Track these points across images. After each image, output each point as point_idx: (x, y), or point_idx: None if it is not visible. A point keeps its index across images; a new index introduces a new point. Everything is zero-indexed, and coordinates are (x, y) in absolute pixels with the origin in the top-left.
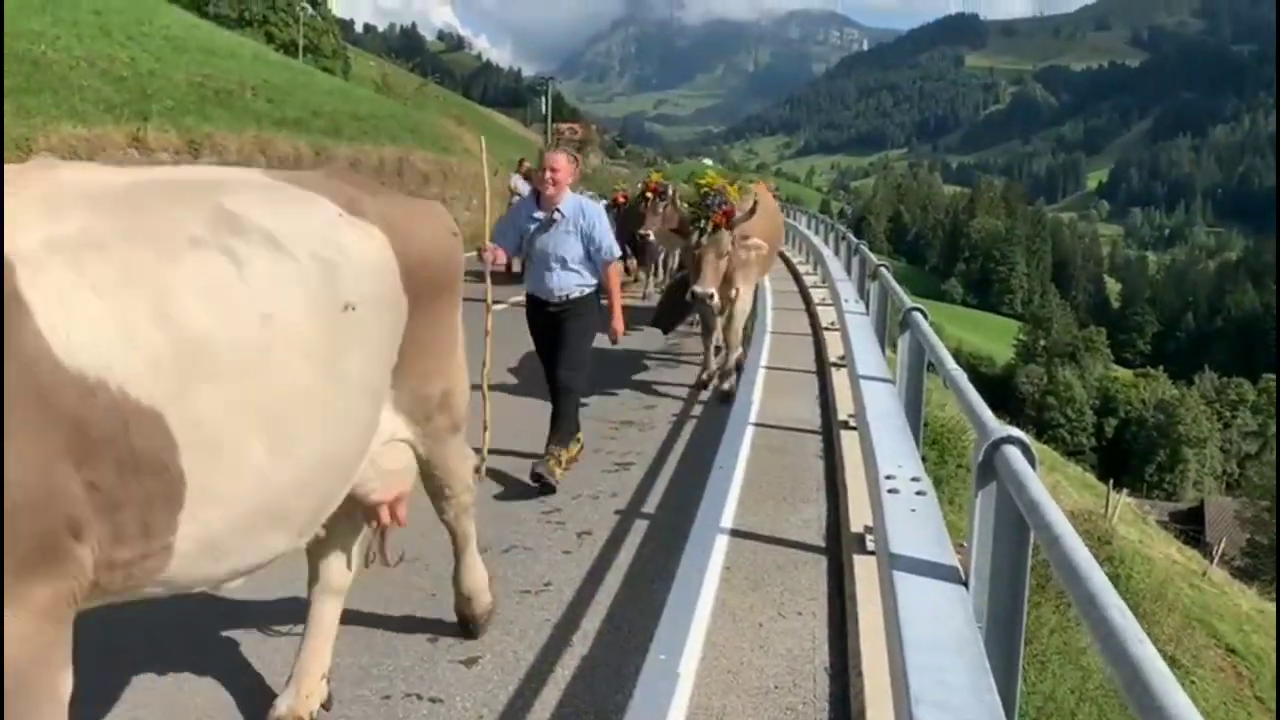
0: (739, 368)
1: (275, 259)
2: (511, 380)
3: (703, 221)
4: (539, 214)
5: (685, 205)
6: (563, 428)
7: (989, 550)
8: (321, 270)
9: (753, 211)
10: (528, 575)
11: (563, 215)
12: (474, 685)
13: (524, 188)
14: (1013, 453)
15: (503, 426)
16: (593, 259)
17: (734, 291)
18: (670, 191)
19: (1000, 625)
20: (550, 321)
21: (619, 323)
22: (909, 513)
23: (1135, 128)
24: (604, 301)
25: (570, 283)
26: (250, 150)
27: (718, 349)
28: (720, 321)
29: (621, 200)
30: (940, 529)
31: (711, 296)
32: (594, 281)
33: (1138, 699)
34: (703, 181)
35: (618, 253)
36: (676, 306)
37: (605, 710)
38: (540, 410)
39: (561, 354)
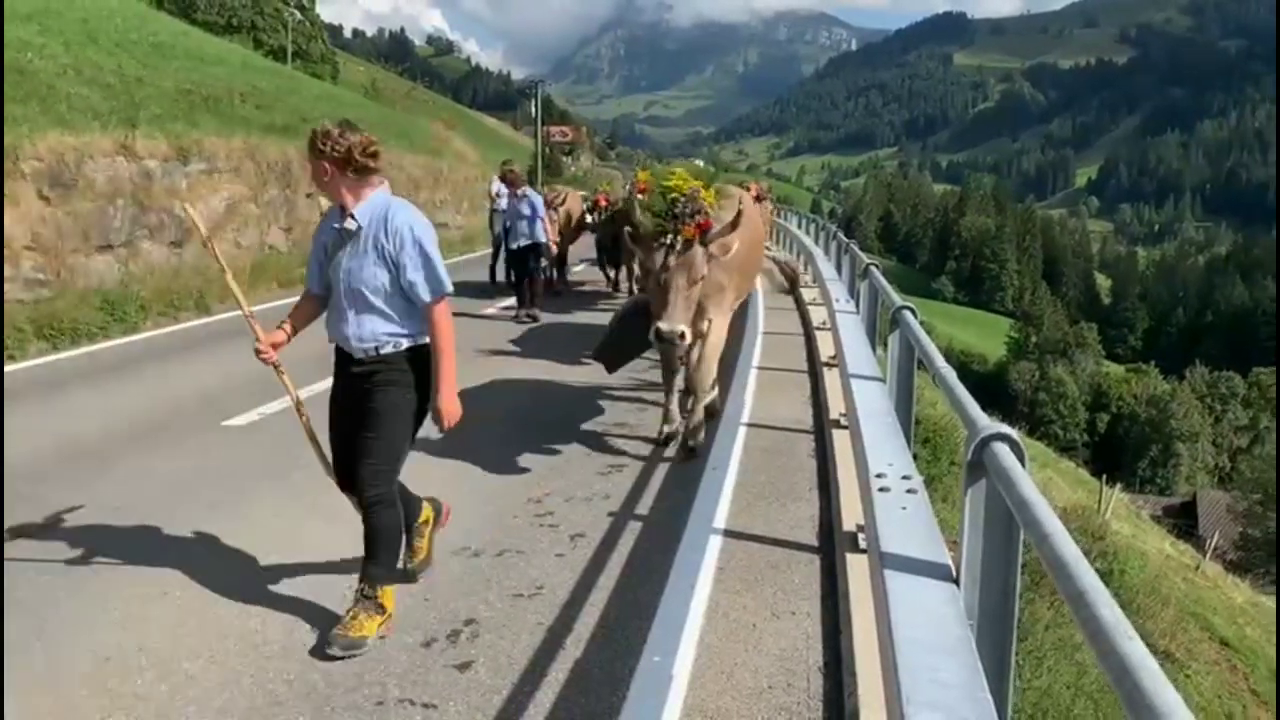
0: (712, 414)
1: None
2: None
3: (670, 236)
4: (339, 224)
5: (649, 216)
6: (379, 547)
7: (979, 548)
8: None
9: (735, 224)
10: (520, 578)
11: (358, 226)
12: (467, 690)
13: (506, 193)
14: (1001, 450)
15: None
16: (408, 296)
17: (705, 323)
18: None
19: (992, 623)
20: (351, 388)
21: (448, 400)
22: (900, 511)
23: (1124, 124)
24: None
25: (377, 330)
26: (239, 156)
27: (685, 397)
28: (689, 358)
29: (604, 203)
30: (931, 527)
31: (682, 336)
32: (419, 331)
33: (1127, 695)
34: (670, 184)
35: (446, 288)
36: (627, 339)
37: (599, 713)
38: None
39: (364, 440)
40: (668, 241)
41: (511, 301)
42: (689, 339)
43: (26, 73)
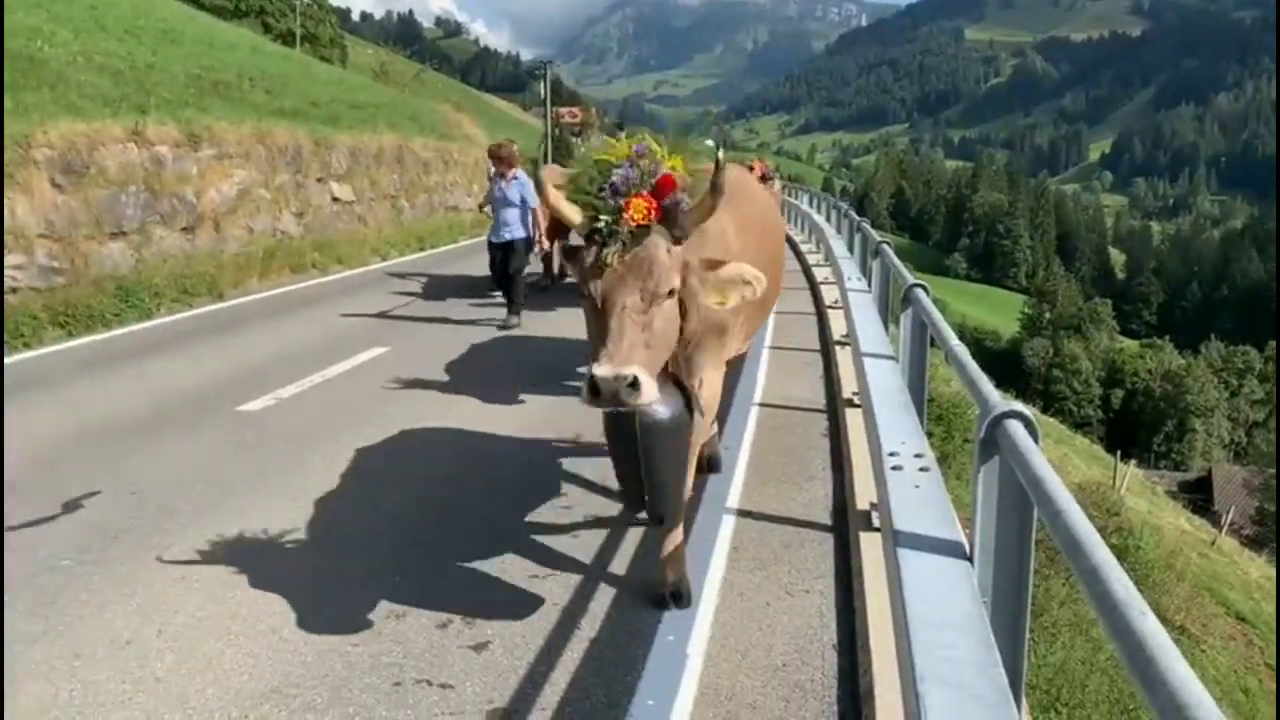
0: (711, 464)
1: None
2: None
3: (607, 220)
4: None
5: (570, 199)
6: None
7: (993, 526)
8: None
9: (717, 192)
10: (535, 560)
11: None
12: (484, 670)
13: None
14: (1015, 427)
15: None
16: None
17: (696, 383)
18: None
19: (1005, 600)
20: None
21: None
22: (913, 489)
23: (1137, 97)
24: None
25: None
26: (249, 141)
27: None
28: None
29: None
30: (944, 505)
31: (635, 385)
32: None
33: (1141, 671)
34: (607, 156)
35: None
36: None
37: (615, 692)
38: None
39: None
40: (603, 228)
41: (489, 299)
42: (646, 392)
43: (36, 60)
